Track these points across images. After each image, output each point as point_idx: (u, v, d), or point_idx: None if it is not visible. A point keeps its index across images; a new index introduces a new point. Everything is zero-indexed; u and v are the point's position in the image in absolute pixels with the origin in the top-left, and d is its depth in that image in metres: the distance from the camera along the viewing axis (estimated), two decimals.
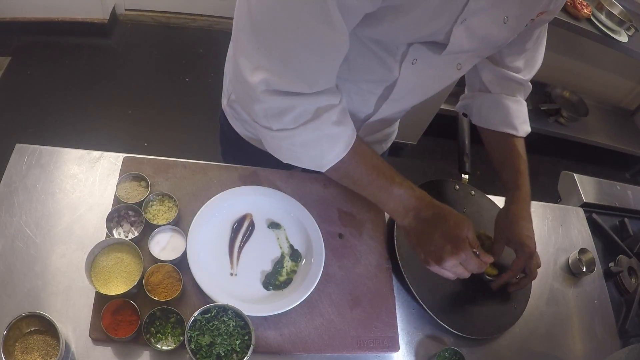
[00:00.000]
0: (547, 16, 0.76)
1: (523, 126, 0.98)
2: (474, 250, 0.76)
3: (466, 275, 0.77)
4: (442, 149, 2.72)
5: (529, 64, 0.96)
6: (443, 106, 2.33)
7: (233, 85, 0.68)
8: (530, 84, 1.00)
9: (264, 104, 0.64)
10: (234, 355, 0.71)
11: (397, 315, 0.89)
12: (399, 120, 1.15)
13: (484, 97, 1.00)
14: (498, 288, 0.93)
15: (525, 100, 1.03)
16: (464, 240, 0.75)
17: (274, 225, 0.93)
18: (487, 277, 0.95)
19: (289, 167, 1.23)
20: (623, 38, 2.13)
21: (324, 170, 0.74)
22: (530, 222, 0.91)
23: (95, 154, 0.93)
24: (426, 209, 0.77)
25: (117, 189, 0.86)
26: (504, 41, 0.74)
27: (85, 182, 0.89)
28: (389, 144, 1.18)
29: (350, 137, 0.72)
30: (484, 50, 0.77)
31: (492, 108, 0.98)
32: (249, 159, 1.05)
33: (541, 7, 0.70)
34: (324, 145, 0.70)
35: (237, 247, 0.87)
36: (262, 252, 0.89)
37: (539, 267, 0.91)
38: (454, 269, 0.76)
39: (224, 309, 0.74)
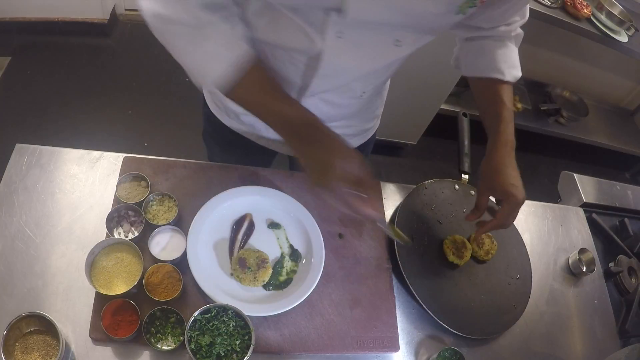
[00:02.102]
0: None
1: (511, 70, 0.91)
2: (350, 187, 0.70)
3: (346, 211, 0.72)
4: (442, 149, 2.72)
5: (516, 18, 0.90)
6: (443, 106, 2.33)
7: None
8: (520, 29, 0.93)
9: (153, 28, 0.69)
10: (234, 355, 0.71)
11: (397, 315, 0.89)
12: (375, 120, 1.12)
13: (470, 44, 0.95)
14: (479, 236, 0.95)
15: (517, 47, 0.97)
16: (332, 168, 0.69)
17: (274, 225, 0.93)
18: (477, 257, 0.98)
19: (289, 167, 1.23)
20: (623, 38, 2.13)
21: (219, 89, 0.73)
22: (515, 169, 0.86)
23: (95, 154, 0.93)
24: (310, 129, 0.73)
25: (117, 189, 0.86)
26: (442, 18, 0.69)
27: (85, 182, 0.89)
28: (362, 140, 1.13)
29: (238, 57, 0.70)
30: (413, 23, 0.70)
31: (478, 55, 0.93)
32: (228, 142, 1.06)
33: None
34: (210, 64, 0.71)
35: (237, 247, 0.87)
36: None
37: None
38: (328, 198, 0.72)
39: (224, 309, 0.74)
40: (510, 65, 0.91)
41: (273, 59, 0.80)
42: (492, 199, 0.93)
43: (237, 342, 0.72)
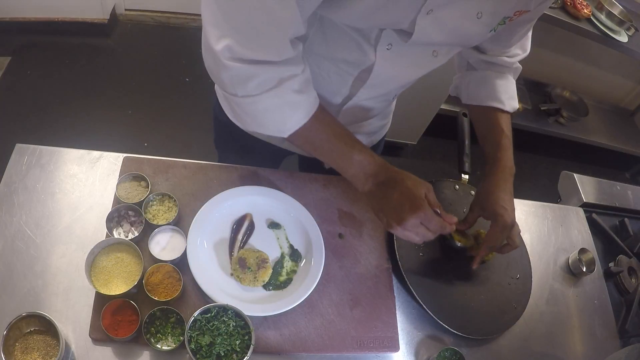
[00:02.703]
0: (528, 15, 0.76)
1: (510, 101, 0.96)
2: (435, 209, 0.77)
3: (430, 236, 0.78)
4: (442, 149, 2.72)
5: (518, 51, 0.97)
6: (443, 106, 2.33)
7: (203, 53, 0.72)
8: (519, 64, 0.99)
9: (230, 71, 0.67)
10: (234, 355, 0.71)
11: (397, 315, 0.89)
12: (390, 115, 1.14)
13: (471, 74, 1.00)
14: (479, 264, 0.93)
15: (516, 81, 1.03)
16: (422, 198, 0.76)
17: (274, 225, 0.93)
18: (458, 244, 0.96)
19: (289, 168, 1.23)
20: (623, 38, 2.13)
21: (286, 135, 0.76)
22: (509, 193, 0.89)
23: (95, 154, 0.93)
24: (384, 173, 0.78)
25: (117, 189, 0.86)
26: (480, 36, 0.75)
27: (85, 182, 0.89)
28: (379, 137, 1.16)
29: (312, 104, 0.75)
30: (457, 42, 0.77)
31: (479, 84, 0.98)
32: (240, 145, 1.07)
33: (519, 6, 0.71)
34: (286, 112, 0.73)
35: (237, 247, 0.87)
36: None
37: (518, 233, 0.91)
38: (415, 229, 0.76)
39: (224, 309, 0.74)
40: (509, 97, 0.97)
41: (321, 71, 0.83)
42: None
43: (237, 342, 0.72)
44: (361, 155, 0.78)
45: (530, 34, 0.96)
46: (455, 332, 0.88)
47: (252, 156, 1.08)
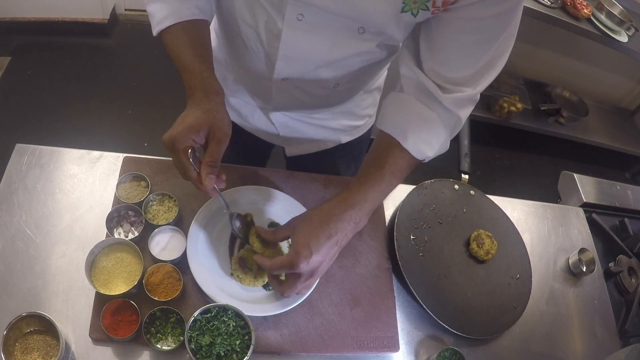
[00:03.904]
0: (470, 23, 0.65)
1: (419, 144, 0.75)
2: (193, 161, 0.67)
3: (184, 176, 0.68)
4: None
5: (463, 80, 0.74)
6: None
7: None
8: (476, 97, 0.76)
9: None
10: (234, 355, 0.71)
11: (397, 315, 0.89)
12: (366, 119, 1.11)
13: (398, 96, 0.80)
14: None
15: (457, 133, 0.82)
16: (179, 132, 0.67)
17: (274, 225, 0.93)
18: (477, 257, 0.98)
19: (289, 168, 1.24)
20: (623, 38, 2.13)
21: (154, 32, 0.76)
22: (328, 236, 0.70)
23: (95, 154, 0.93)
24: (195, 91, 0.73)
25: (117, 189, 0.86)
26: (383, 15, 0.66)
27: (85, 182, 0.89)
28: (350, 137, 1.12)
29: (180, 11, 0.74)
30: (351, 14, 0.67)
31: (395, 108, 0.79)
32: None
33: None
34: (156, 6, 0.74)
35: (237, 247, 0.87)
36: None
37: (298, 292, 0.76)
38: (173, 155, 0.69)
39: (224, 309, 0.74)
40: (424, 141, 0.76)
41: (244, 37, 0.82)
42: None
43: (237, 342, 0.72)
44: (191, 74, 0.72)
45: (492, 72, 0.74)
46: (455, 332, 0.88)
47: (236, 147, 1.07)
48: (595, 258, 1.11)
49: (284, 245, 0.90)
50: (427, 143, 0.76)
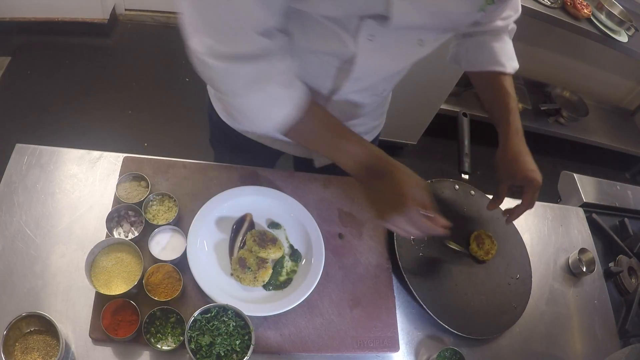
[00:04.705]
0: None
1: (510, 62, 0.96)
2: (424, 211, 0.75)
3: (417, 233, 0.77)
4: (442, 149, 2.72)
5: (510, 12, 0.95)
6: (443, 106, 2.33)
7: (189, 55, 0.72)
8: (514, 24, 0.98)
9: (210, 69, 0.67)
10: (234, 355, 0.71)
11: (397, 315, 0.89)
12: (384, 116, 1.13)
13: (468, 41, 0.98)
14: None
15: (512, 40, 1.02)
16: (408, 197, 0.74)
17: (274, 225, 0.93)
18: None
19: (285, 167, 1.23)
20: (623, 38, 2.13)
21: (277, 131, 0.75)
22: (529, 154, 0.91)
23: (95, 154, 0.93)
24: (378, 163, 0.77)
25: (117, 189, 0.86)
26: (467, 17, 0.72)
27: (85, 182, 0.89)
28: (371, 137, 1.15)
29: (299, 98, 0.73)
30: (443, 25, 0.74)
31: (477, 50, 0.97)
32: (233, 143, 1.06)
33: None
34: (273, 107, 0.72)
35: (237, 247, 0.87)
36: None
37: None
38: (400, 225, 0.75)
39: (224, 309, 0.74)
40: (509, 58, 0.95)
41: (304, 64, 0.81)
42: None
43: (237, 342, 0.72)
44: (352, 145, 0.77)
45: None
46: (455, 332, 0.88)
47: (246, 155, 1.08)
48: (595, 258, 1.11)
49: (284, 245, 0.90)
50: (513, 59, 0.96)
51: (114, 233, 0.82)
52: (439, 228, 0.77)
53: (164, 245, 0.83)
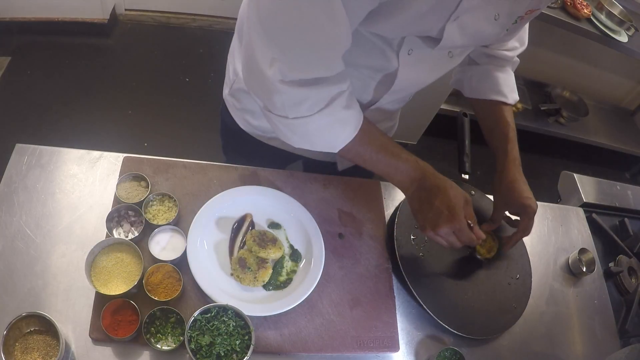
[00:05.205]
0: (535, 13, 0.78)
1: (512, 94, 1.01)
2: (469, 222, 0.81)
3: (458, 245, 0.82)
4: (442, 149, 2.72)
5: (516, 44, 1.00)
6: (443, 106, 2.33)
7: (246, 78, 0.73)
8: (517, 58, 1.03)
9: (283, 95, 0.68)
10: (234, 355, 0.71)
11: (397, 315, 0.89)
12: (399, 114, 1.16)
13: (473, 69, 1.03)
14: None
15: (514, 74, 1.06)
16: (460, 209, 0.79)
17: (274, 225, 0.93)
18: (478, 255, 0.99)
19: (288, 167, 1.23)
20: (623, 38, 2.13)
21: (336, 151, 0.78)
22: (525, 183, 0.93)
23: (95, 154, 0.93)
24: (429, 180, 0.81)
25: (117, 189, 0.86)
26: (495, 37, 0.76)
27: (85, 182, 0.89)
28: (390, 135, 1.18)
29: (359, 119, 0.77)
30: (475, 44, 0.81)
31: (481, 78, 1.01)
32: (249, 151, 1.08)
33: (532, 5, 0.73)
34: (336, 129, 0.75)
35: (237, 247, 0.87)
36: None
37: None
38: (447, 236, 0.81)
39: (224, 309, 0.74)
40: (510, 90, 1.00)
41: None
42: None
43: (237, 342, 0.72)
44: (406, 163, 0.82)
45: (527, 26, 0.99)
46: (455, 332, 0.88)
47: (260, 161, 1.08)
48: (595, 258, 1.11)
49: (284, 245, 0.90)
50: (514, 90, 1.01)
51: (114, 233, 0.82)
52: (477, 240, 0.83)
53: (164, 245, 0.83)
